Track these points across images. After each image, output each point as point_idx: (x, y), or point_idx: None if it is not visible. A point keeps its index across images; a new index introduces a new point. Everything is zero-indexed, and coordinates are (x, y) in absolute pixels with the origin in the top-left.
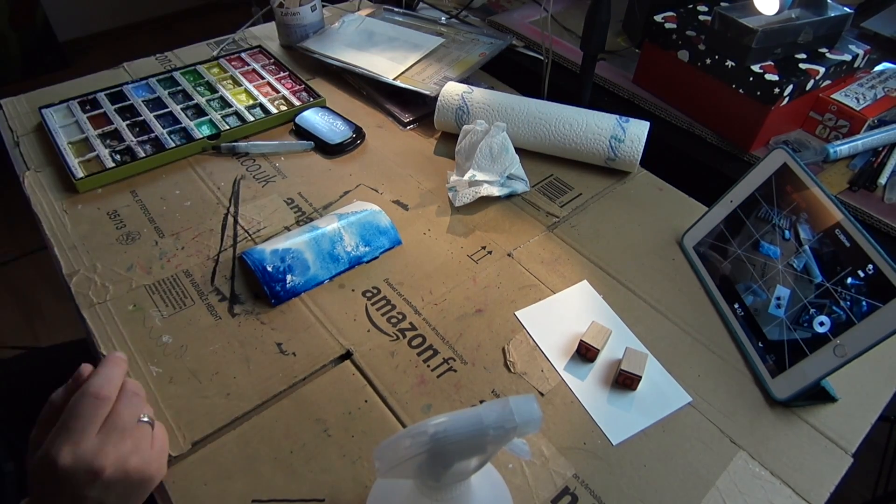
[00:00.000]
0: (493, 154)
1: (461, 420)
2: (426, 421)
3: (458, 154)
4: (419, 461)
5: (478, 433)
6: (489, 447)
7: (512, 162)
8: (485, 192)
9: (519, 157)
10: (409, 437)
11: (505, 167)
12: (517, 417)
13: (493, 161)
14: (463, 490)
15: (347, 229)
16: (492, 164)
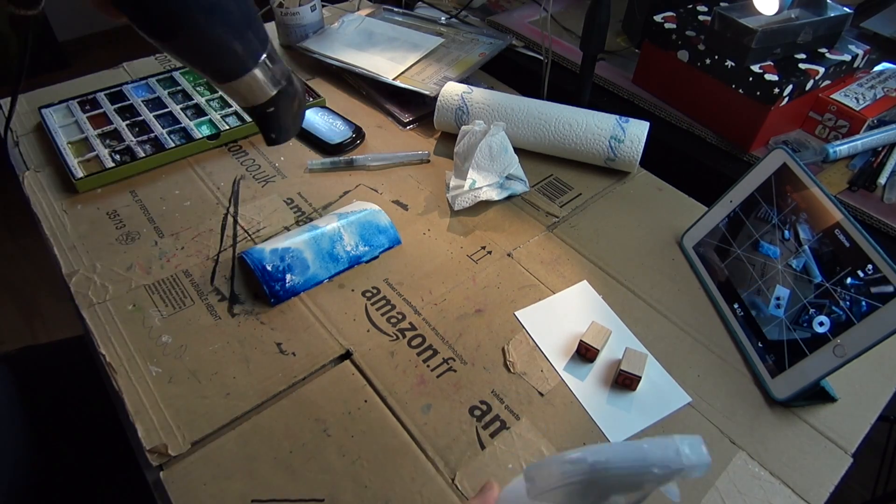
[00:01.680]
0: (492, 154)
1: (623, 453)
2: (584, 448)
3: (457, 155)
4: (573, 489)
5: (640, 470)
6: (647, 485)
7: (511, 162)
8: (484, 196)
9: (518, 158)
10: (567, 462)
11: (504, 167)
12: (685, 460)
13: (491, 161)
14: None
15: (347, 228)
16: (490, 164)
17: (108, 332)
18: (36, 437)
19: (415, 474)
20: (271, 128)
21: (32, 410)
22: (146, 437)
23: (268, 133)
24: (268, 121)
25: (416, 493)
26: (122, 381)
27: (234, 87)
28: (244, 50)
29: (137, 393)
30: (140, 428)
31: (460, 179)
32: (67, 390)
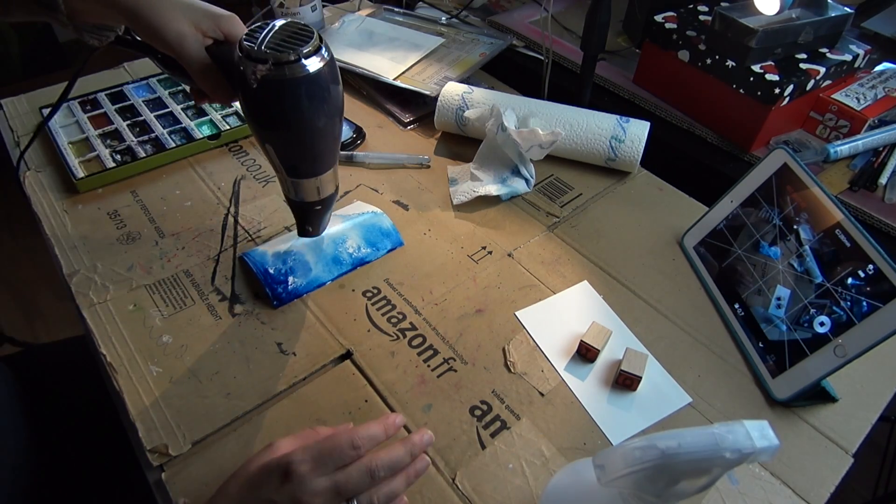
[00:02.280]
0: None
1: (695, 438)
2: (652, 435)
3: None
4: (642, 475)
5: (712, 454)
6: (716, 470)
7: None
8: (483, 191)
9: None
10: (636, 448)
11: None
12: (757, 443)
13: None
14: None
15: (351, 232)
16: (494, 155)
17: (109, 332)
18: (37, 437)
19: None
20: (311, 222)
21: (33, 410)
22: (147, 437)
23: (305, 226)
24: (311, 216)
25: (417, 492)
26: (122, 381)
27: (300, 182)
28: (331, 156)
29: (138, 393)
30: (141, 428)
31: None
32: (68, 390)
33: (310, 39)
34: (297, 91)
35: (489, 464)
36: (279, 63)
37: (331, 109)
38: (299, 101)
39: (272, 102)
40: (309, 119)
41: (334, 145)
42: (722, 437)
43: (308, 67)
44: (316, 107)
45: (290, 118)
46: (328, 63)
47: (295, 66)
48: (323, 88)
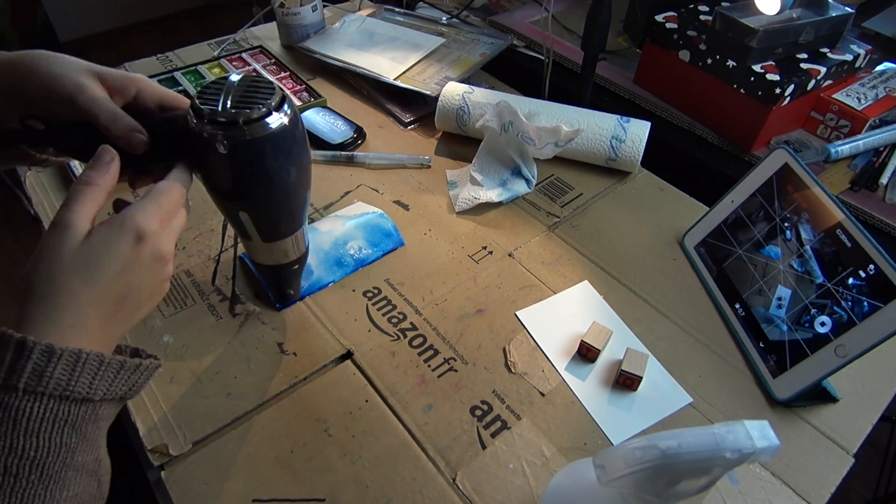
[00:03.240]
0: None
1: (695, 438)
2: (653, 435)
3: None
4: (643, 475)
5: (713, 454)
6: (716, 470)
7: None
8: (484, 197)
9: None
10: (637, 448)
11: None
12: (758, 444)
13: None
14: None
15: (352, 233)
16: (493, 159)
17: None
18: None
19: (416, 474)
20: (290, 285)
21: None
22: (147, 437)
23: (286, 290)
24: (290, 278)
25: (417, 492)
26: None
27: (275, 245)
28: (304, 208)
29: (139, 392)
30: (141, 427)
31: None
32: None
33: (271, 91)
34: (274, 147)
35: (490, 464)
36: (250, 121)
37: (304, 159)
38: (277, 157)
39: (247, 165)
40: (286, 174)
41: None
42: (722, 438)
43: (281, 120)
44: (293, 159)
45: (268, 178)
46: (293, 112)
47: (266, 121)
48: (296, 139)
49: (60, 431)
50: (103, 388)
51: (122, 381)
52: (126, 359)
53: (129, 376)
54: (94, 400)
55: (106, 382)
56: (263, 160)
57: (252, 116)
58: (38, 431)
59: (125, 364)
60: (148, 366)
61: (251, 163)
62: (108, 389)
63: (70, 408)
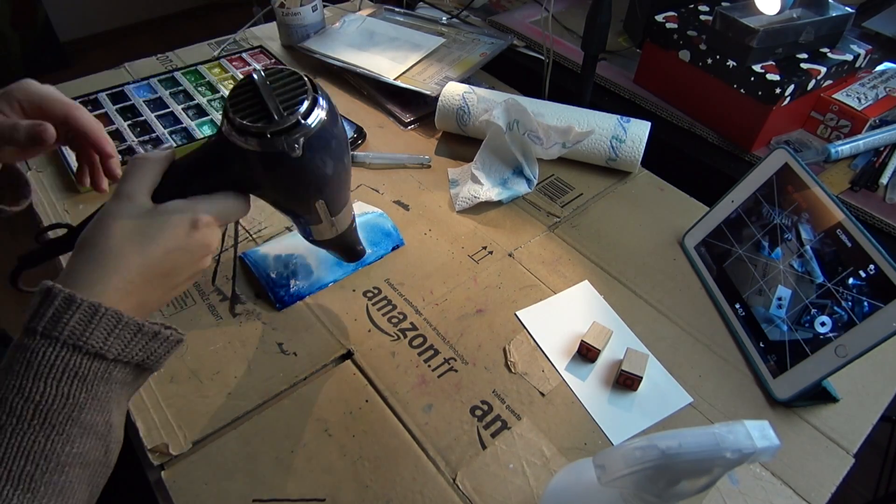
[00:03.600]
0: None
1: (695, 438)
2: (653, 435)
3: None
4: (643, 475)
5: (713, 454)
6: (716, 470)
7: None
8: (484, 196)
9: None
10: (637, 448)
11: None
12: (758, 443)
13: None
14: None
15: None
16: (494, 159)
17: None
18: None
19: (416, 474)
20: (358, 242)
21: None
22: (147, 437)
23: (358, 248)
24: (354, 237)
25: (417, 492)
26: None
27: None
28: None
29: (139, 392)
30: (141, 427)
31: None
32: None
33: (298, 77)
34: (332, 129)
35: (490, 464)
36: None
37: (343, 125)
38: (336, 136)
39: (319, 160)
40: (345, 146)
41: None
42: (722, 437)
43: (323, 103)
44: (343, 132)
45: (336, 162)
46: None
47: (317, 108)
48: (335, 109)
49: (70, 382)
50: (118, 347)
51: (139, 345)
52: (144, 322)
53: (148, 343)
54: (107, 357)
55: (121, 342)
56: (330, 145)
57: (305, 110)
58: (47, 377)
59: (143, 327)
60: (169, 336)
61: (323, 155)
62: (122, 350)
63: (82, 360)
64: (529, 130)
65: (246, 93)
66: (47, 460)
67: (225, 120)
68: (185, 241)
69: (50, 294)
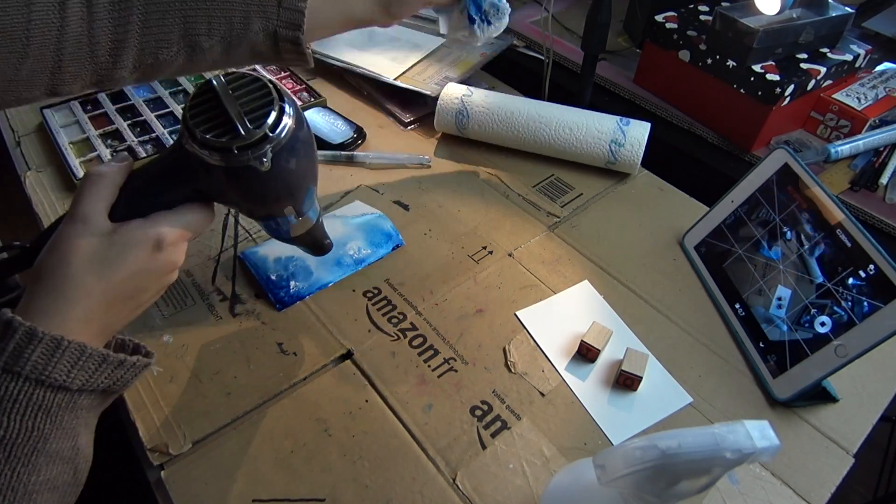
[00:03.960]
0: None
1: (695, 438)
2: (652, 435)
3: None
4: (642, 475)
5: (713, 454)
6: (716, 470)
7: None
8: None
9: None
10: (637, 449)
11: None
12: (757, 443)
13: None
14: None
15: (352, 235)
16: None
17: None
18: None
19: (416, 474)
20: (325, 236)
21: None
22: (147, 436)
23: (325, 242)
24: (323, 231)
25: (417, 492)
26: None
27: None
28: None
29: (139, 392)
30: (141, 427)
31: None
32: None
33: (262, 85)
34: (299, 136)
35: (490, 464)
36: (274, 128)
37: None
38: (304, 142)
39: (289, 168)
40: (312, 149)
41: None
42: (722, 437)
43: (290, 111)
44: (309, 132)
45: (305, 167)
46: (288, 95)
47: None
48: (304, 117)
49: (33, 416)
50: (82, 378)
51: (104, 374)
52: (109, 353)
53: (113, 371)
54: (71, 389)
55: (85, 373)
56: (299, 153)
57: (273, 121)
58: (11, 411)
59: (108, 358)
60: (135, 363)
61: (290, 165)
62: (87, 380)
63: (45, 393)
64: None
65: (207, 101)
66: (14, 491)
67: (185, 132)
68: (148, 264)
69: (10, 327)
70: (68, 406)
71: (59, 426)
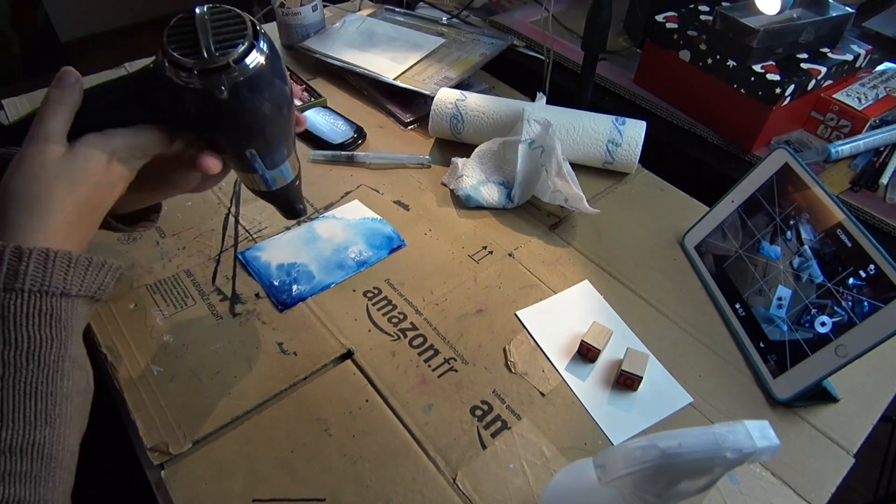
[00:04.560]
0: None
1: (695, 438)
2: (653, 435)
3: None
4: (643, 475)
5: (713, 454)
6: (717, 469)
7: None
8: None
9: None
10: (637, 448)
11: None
12: (758, 443)
13: (495, 161)
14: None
15: (353, 240)
16: (491, 161)
17: (110, 332)
18: None
19: (416, 474)
20: (299, 200)
21: None
22: (147, 436)
23: (297, 207)
24: (297, 194)
25: (417, 492)
26: (123, 379)
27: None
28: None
29: (139, 392)
30: (141, 426)
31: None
32: None
33: (241, 20)
34: (268, 78)
35: (490, 464)
36: (243, 56)
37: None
38: (272, 86)
39: (250, 107)
40: (282, 98)
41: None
42: (723, 437)
43: (263, 49)
44: (284, 81)
45: (269, 109)
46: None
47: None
48: (278, 59)
49: (48, 325)
50: (77, 283)
51: (92, 277)
52: (91, 256)
53: (97, 274)
54: (70, 294)
55: (79, 278)
56: (263, 94)
57: (243, 54)
58: (28, 325)
59: (92, 261)
60: (112, 265)
61: (255, 99)
62: (81, 285)
63: (51, 302)
64: (547, 164)
65: (185, 26)
66: (53, 396)
67: (160, 49)
68: (104, 175)
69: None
70: (73, 312)
71: (72, 332)
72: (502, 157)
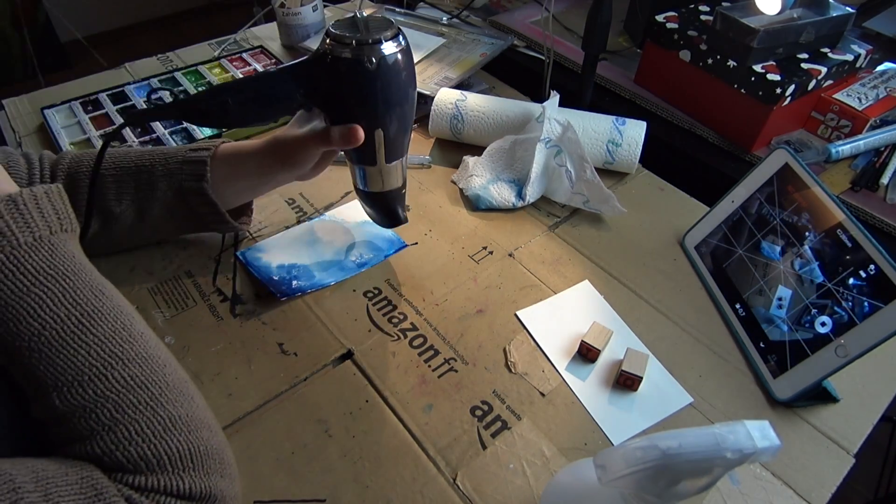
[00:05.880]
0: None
1: (696, 438)
2: (653, 435)
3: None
4: (643, 475)
5: (713, 454)
6: (717, 470)
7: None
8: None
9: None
10: (637, 448)
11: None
12: (758, 443)
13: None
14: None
15: (354, 244)
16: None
17: None
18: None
19: (416, 474)
20: (401, 203)
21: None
22: None
23: (400, 212)
24: (402, 201)
25: (418, 493)
26: None
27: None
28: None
29: None
30: None
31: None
32: None
33: (389, 22)
34: (405, 63)
35: (490, 464)
36: (389, 40)
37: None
38: (407, 70)
39: (389, 80)
40: (413, 87)
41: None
42: (723, 437)
43: (403, 42)
44: (413, 77)
45: (402, 88)
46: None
47: (398, 40)
48: (412, 57)
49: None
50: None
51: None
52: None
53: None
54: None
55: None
56: (401, 76)
57: (390, 35)
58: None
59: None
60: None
61: (398, 74)
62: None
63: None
64: (566, 166)
65: (348, 20)
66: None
67: (325, 38)
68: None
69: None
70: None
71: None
72: (513, 154)
